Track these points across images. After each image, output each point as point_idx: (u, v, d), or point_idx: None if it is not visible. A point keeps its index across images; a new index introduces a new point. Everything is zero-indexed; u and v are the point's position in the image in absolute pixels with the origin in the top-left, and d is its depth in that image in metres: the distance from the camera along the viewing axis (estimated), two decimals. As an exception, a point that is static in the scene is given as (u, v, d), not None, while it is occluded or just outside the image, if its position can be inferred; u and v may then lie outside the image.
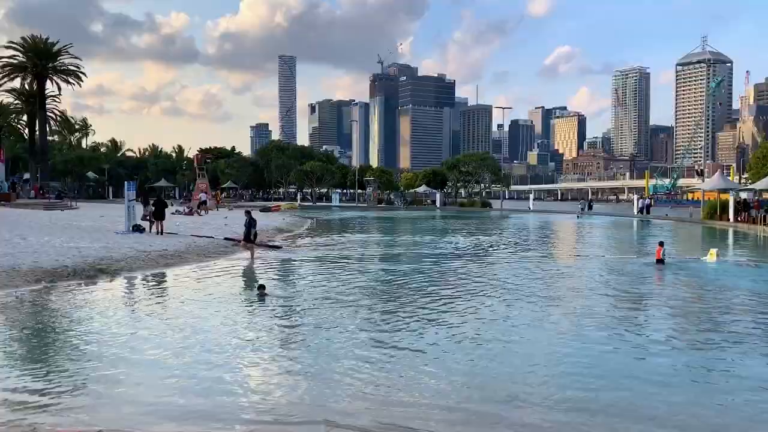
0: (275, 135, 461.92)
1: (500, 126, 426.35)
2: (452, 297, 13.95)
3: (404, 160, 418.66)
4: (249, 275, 17.44)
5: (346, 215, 60.40)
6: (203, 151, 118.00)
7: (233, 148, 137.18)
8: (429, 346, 9.35)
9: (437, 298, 13.77)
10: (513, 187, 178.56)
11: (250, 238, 21.15)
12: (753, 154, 71.23)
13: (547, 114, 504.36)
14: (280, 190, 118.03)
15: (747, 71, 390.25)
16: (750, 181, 49.40)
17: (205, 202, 50.25)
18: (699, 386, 7.66)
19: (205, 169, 69.95)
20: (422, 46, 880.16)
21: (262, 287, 13.46)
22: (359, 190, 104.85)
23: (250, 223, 20.97)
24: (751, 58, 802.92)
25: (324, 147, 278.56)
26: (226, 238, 25.63)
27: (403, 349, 9.25)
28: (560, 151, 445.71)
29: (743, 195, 47.09)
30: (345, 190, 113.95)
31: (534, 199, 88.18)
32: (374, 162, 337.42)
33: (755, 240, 32.73)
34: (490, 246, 27.84)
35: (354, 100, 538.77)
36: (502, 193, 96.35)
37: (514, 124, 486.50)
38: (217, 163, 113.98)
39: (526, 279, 17.07)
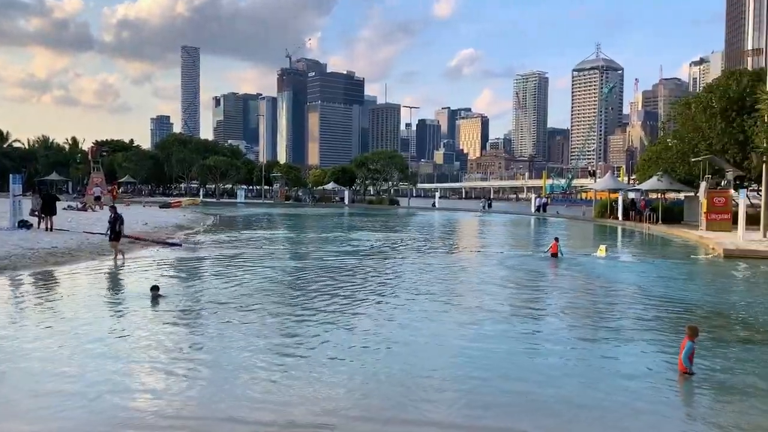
0: (177, 128, 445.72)
1: (408, 125, 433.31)
2: (354, 295, 13.94)
3: (313, 157, 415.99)
4: (144, 275, 16.65)
5: (251, 212, 59.22)
6: (99, 144, 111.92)
7: (132, 141, 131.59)
8: (329, 348, 9.23)
9: (339, 296, 13.71)
10: (420, 186, 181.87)
11: (119, 236, 19.52)
12: (640, 156, 76.21)
13: (453, 115, 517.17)
14: (182, 185, 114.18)
15: (636, 79, 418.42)
16: (638, 181, 52.80)
17: (99, 198, 47.69)
18: (589, 383, 8.00)
19: (100, 163, 66.53)
20: (330, 42, 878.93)
21: (155, 288, 12.85)
22: (266, 187, 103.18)
23: (116, 220, 19.37)
24: (639, 66, 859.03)
25: (229, 141, 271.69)
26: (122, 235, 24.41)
27: (302, 352, 9.10)
28: (465, 151, 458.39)
29: (631, 195, 50.26)
30: (251, 186, 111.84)
31: (439, 197, 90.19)
32: (282, 158, 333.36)
33: (641, 237, 35.05)
34: (395, 242, 28.13)
35: (261, 94, 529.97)
36: (409, 191, 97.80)
37: (422, 123, 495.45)
38: (114, 157, 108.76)
39: (428, 274, 17.35)
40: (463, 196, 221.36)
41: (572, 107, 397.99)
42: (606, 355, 9.32)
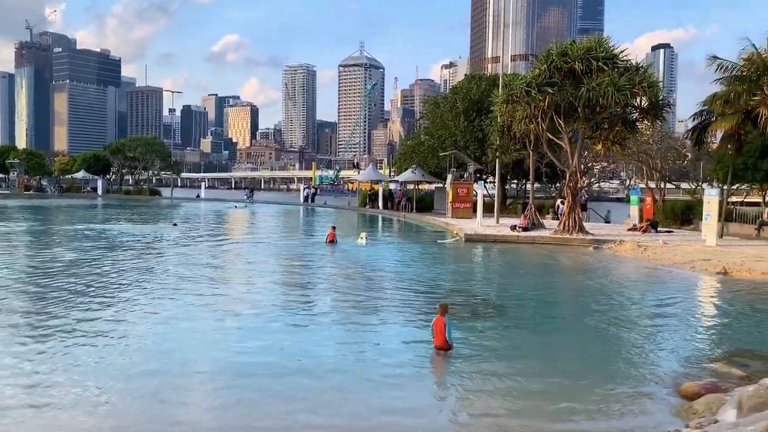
0: None
1: (172, 111, 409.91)
2: (104, 295, 12.80)
3: (60, 142, 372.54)
4: None
5: (-20, 204, 51.17)
6: None
7: None
8: (65, 364, 8.34)
9: (85, 297, 12.48)
10: (185, 175, 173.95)
11: None
12: (398, 150, 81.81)
13: (221, 102, 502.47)
14: None
15: (396, 78, 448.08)
16: (396, 173, 56.54)
17: None
18: (349, 366, 8.33)
19: None
20: (77, 16, 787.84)
21: None
22: (1, 175, 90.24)
23: None
24: (399, 66, 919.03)
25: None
26: None
27: (51, 360, 8.13)
28: (234, 140, 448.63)
29: (392, 186, 53.67)
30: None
31: (207, 188, 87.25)
32: (22, 143, 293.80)
33: (398, 224, 37.67)
34: (154, 235, 26.43)
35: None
36: (173, 181, 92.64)
37: (187, 109, 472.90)
38: None
39: (188, 269, 16.57)
40: (233, 186, 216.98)
41: (339, 101, 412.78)
42: (365, 335, 9.81)
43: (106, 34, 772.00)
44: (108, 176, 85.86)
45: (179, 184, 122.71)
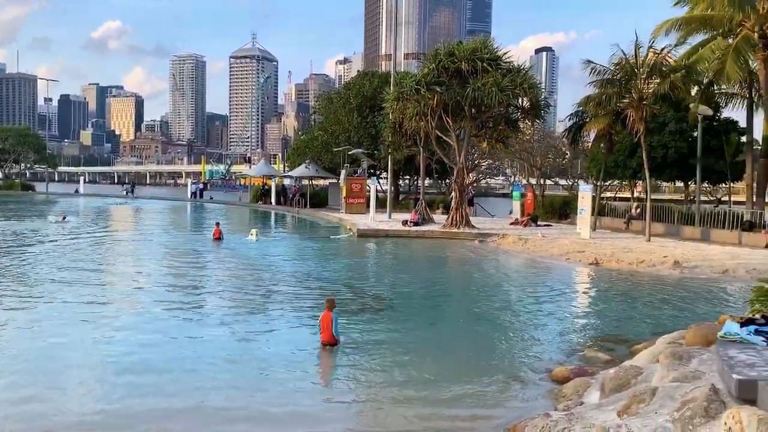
0: None
1: (48, 100, 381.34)
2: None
3: None
4: None
5: None
6: None
7: None
8: None
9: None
10: (63, 169, 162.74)
11: None
12: (291, 145, 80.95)
13: (102, 91, 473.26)
14: None
15: (289, 71, 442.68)
16: (290, 168, 55.92)
17: None
18: (236, 366, 8.14)
19: None
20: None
21: None
22: None
23: None
24: (293, 60, 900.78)
25: None
26: None
27: None
28: (118, 132, 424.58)
29: (286, 181, 53.04)
30: None
31: (87, 182, 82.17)
32: None
33: (291, 220, 37.33)
34: (26, 233, 24.45)
35: None
36: (48, 175, 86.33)
37: (65, 99, 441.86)
38: None
39: (64, 269, 15.50)
40: (116, 180, 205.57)
41: (230, 93, 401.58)
42: (251, 333, 9.62)
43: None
44: (-27, 169, 78.79)
45: (56, 179, 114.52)
